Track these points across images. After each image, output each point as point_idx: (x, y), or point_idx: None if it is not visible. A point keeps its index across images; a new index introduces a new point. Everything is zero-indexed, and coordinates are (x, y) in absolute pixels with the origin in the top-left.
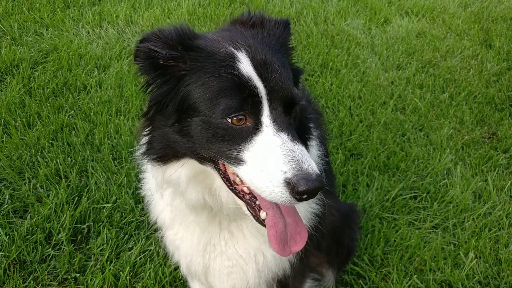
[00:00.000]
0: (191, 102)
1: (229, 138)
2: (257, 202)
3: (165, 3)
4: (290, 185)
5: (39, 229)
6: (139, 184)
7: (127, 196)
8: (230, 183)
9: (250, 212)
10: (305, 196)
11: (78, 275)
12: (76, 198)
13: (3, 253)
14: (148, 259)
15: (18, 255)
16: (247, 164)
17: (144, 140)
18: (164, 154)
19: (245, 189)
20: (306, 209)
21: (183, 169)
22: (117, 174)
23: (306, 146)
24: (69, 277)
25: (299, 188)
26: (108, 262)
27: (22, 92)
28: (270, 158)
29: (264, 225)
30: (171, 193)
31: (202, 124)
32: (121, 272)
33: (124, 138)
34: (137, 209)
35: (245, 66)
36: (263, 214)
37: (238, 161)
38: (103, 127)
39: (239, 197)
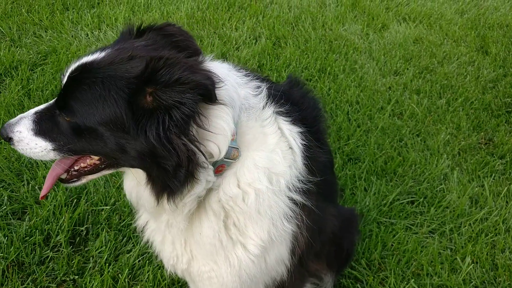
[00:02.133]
0: None
1: None
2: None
3: (164, 7)
4: None
5: (37, 230)
6: None
7: (126, 198)
8: None
9: None
10: None
11: (76, 277)
12: (75, 200)
13: (2, 254)
14: (147, 261)
15: (17, 257)
16: None
17: None
18: None
19: None
20: (282, 229)
21: None
22: (116, 177)
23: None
24: (68, 279)
25: None
26: (107, 264)
27: (21, 94)
28: None
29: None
30: None
31: None
32: (119, 275)
33: None
34: (135, 212)
35: (76, 62)
36: None
37: None
38: None
39: None
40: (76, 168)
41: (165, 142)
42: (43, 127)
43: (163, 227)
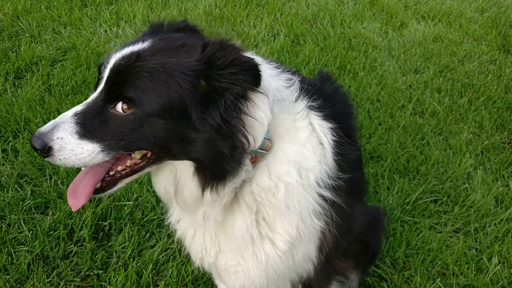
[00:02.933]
0: None
1: None
2: None
3: (182, 4)
4: None
5: (61, 225)
6: None
7: (148, 194)
8: None
9: None
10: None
11: (100, 272)
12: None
13: (27, 248)
14: (171, 257)
15: (41, 251)
16: None
17: None
18: None
19: None
20: (311, 225)
21: None
22: None
23: (221, 180)
24: (92, 273)
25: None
26: (131, 259)
27: (41, 89)
28: None
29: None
30: None
31: None
32: (143, 270)
33: None
34: (158, 207)
35: (117, 54)
36: None
37: None
38: None
39: None
40: (111, 173)
41: (223, 123)
42: (89, 127)
43: (198, 221)
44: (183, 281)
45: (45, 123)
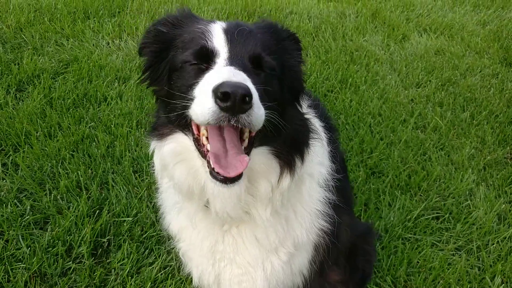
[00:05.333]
0: (173, 60)
1: (190, 81)
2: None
3: None
4: (214, 93)
5: (60, 241)
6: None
7: (148, 210)
8: (198, 144)
9: (208, 166)
10: (228, 101)
11: None
12: (97, 211)
13: (24, 265)
14: (170, 275)
15: (39, 268)
16: (195, 99)
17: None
18: (160, 125)
19: (207, 145)
20: (313, 225)
21: (170, 144)
22: (138, 187)
23: (302, 155)
24: None
25: (220, 89)
26: (129, 277)
27: (43, 103)
28: (208, 82)
29: (216, 178)
30: (168, 183)
31: (175, 74)
32: None
33: (145, 150)
34: (158, 223)
35: (215, 25)
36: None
37: (191, 100)
38: (124, 139)
39: (203, 157)
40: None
41: (297, 87)
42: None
43: (223, 230)
44: None
45: (46, 137)
